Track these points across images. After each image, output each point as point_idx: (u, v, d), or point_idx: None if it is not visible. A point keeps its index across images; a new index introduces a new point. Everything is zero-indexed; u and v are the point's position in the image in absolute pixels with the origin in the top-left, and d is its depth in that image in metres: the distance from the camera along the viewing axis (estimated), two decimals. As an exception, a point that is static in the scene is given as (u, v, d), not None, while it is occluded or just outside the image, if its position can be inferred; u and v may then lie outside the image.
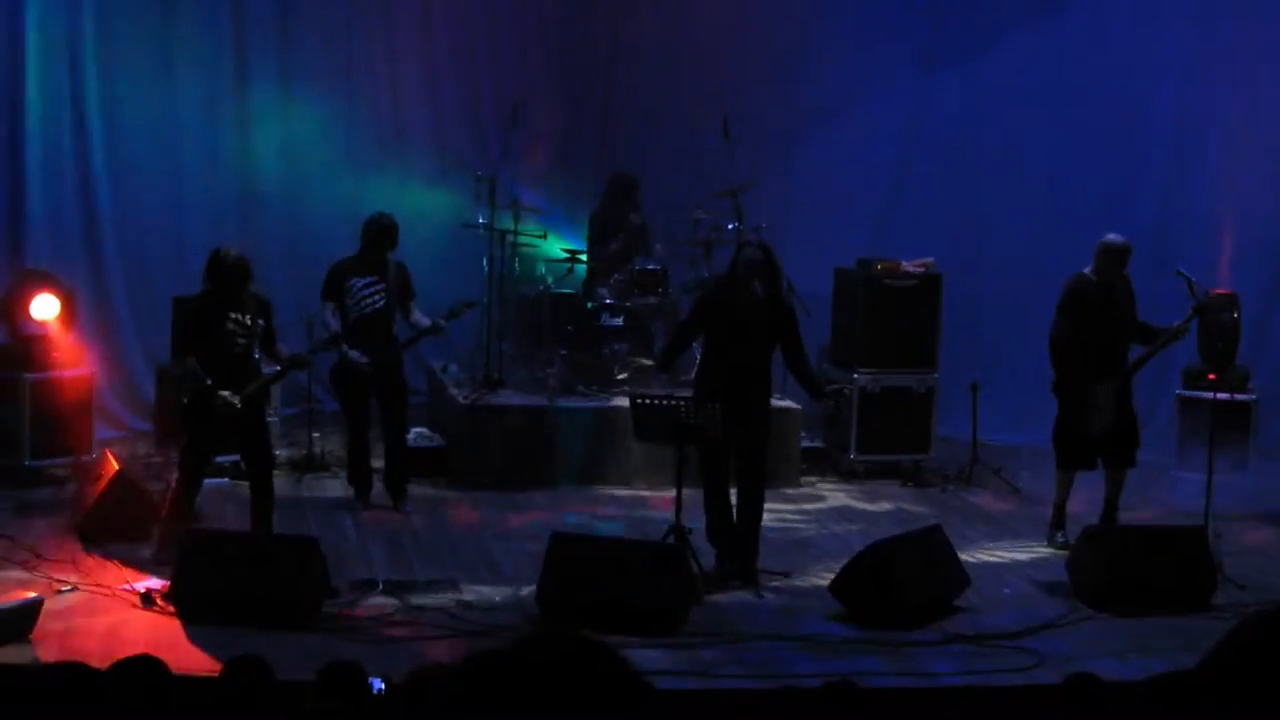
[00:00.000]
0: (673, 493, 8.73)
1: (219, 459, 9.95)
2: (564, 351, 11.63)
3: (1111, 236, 9.77)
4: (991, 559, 9.65)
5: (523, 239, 11.93)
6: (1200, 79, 12.72)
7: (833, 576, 8.54)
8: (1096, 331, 9.66)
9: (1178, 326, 9.62)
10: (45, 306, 10.71)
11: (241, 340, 8.85)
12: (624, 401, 9.87)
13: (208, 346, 8.80)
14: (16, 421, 10.45)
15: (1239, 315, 11.16)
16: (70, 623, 7.77)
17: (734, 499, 9.04)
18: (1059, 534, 9.91)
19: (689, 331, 9.35)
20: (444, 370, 12.25)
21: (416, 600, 8.35)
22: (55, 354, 10.71)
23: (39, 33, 11.70)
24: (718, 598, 8.63)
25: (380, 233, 10.10)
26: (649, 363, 11.41)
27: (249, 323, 8.86)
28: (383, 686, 4.71)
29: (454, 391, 11.50)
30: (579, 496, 10.84)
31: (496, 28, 13.54)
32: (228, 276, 8.81)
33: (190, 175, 12.55)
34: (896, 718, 6.46)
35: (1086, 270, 9.76)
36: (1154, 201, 12.74)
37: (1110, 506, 9.96)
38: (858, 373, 11.68)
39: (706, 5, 13.33)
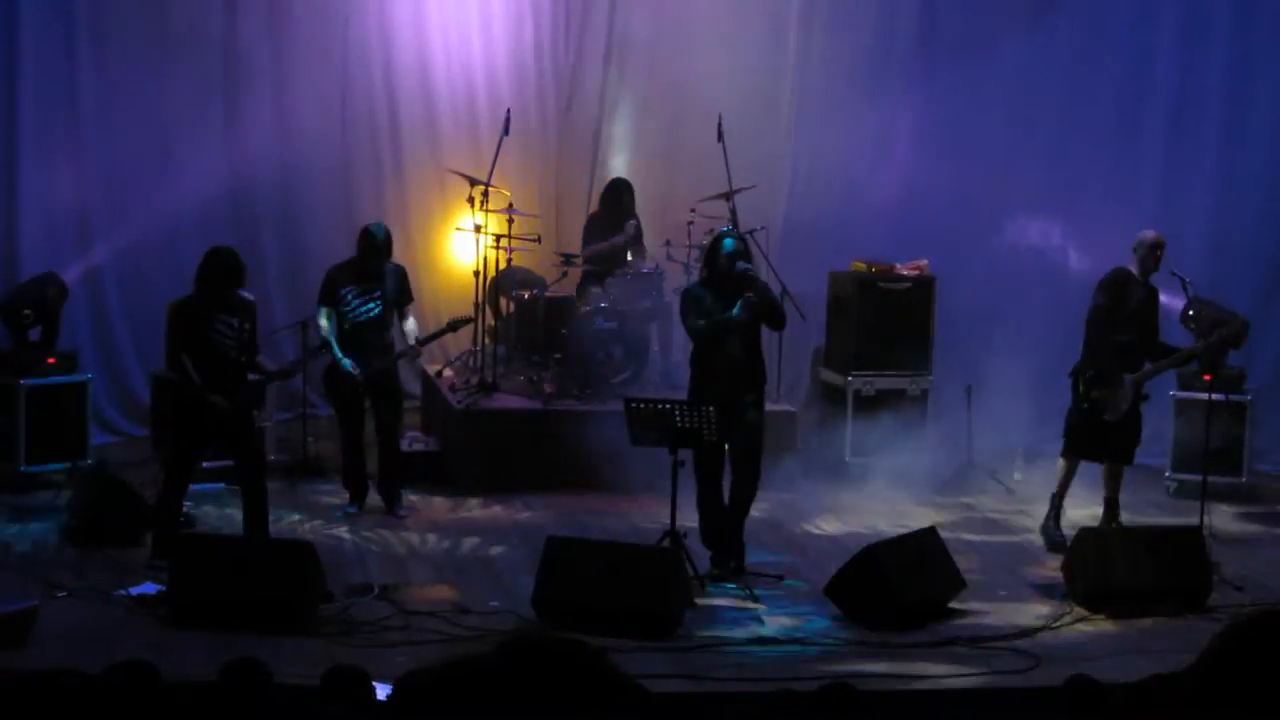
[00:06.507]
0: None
1: (214, 464, 9.94)
2: (558, 355, 11.61)
3: (1144, 232, 9.99)
4: (986, 561, 9.65)
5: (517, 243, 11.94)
6: (1197, 79, 12.71)
7: (828, 579, 8.55)
8: (1129, 323, 9.73)
9: (1187, 352, 9.87)
10: (39, 312, 10.70)
11: (230, 342, 8.83)
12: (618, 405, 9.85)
13: (197, 349, 8.79)
14: (12, 427, 10.42)
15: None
16: (65, 628, 7.74)
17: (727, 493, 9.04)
18: (1055, 528, 9.84)
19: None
20: (438, 374, 12.24)
21: (412, 605, 8.35)
22: (50, 359, 10.69)
23: (32, 36, 11.67)
24: (712, 601, 8.63)
25: (378, 246, 10.07)
26: None
27: (236, 325, 8.85)
28: (390, 690, 4.69)
29: (448, 396, 11.48)
30: (574, 500, 10.82)
31: (490, 32, 13.51)
32: (220, 274, 8.80)
33: (183, 180, 12.51)
34: (892, 720, 6.46)
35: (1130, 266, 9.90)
36: (1151, 202, 12.72)
37: (1111, 506, 9.94)
38: (852, 375, 11.69)
39: (701, 7, 13.29)
